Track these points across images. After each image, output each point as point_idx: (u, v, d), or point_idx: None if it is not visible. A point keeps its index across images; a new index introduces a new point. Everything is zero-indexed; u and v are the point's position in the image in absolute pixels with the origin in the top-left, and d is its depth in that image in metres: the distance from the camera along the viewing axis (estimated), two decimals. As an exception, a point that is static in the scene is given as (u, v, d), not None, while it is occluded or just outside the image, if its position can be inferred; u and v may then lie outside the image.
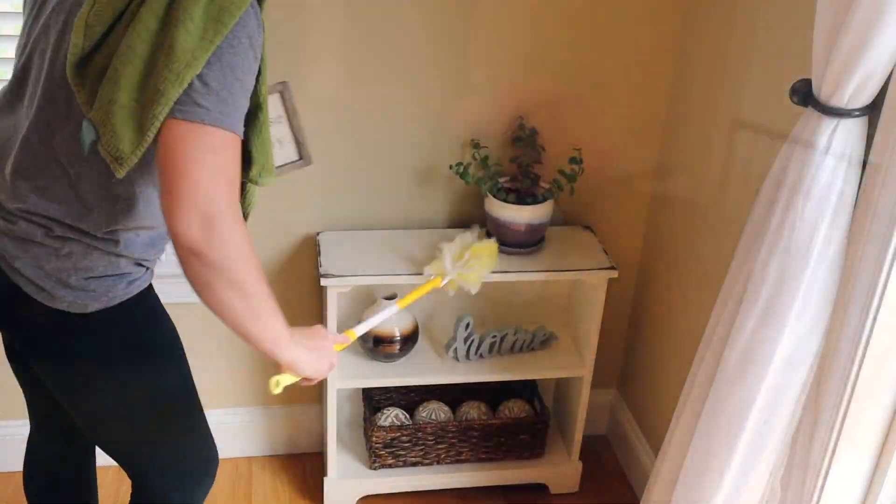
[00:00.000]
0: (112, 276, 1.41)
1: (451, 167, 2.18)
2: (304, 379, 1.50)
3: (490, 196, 2.16)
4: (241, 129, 1.28)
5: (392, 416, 2.34)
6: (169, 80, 1.20)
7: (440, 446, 2.36)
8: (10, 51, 2.09)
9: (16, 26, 2.07)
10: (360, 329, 1.74)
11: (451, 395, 2.46)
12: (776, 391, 1.54)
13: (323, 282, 2.05)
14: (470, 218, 2.30)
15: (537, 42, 2.15)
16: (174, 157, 1.22)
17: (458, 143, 2.23)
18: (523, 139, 2.20)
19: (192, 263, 1.23)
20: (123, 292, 1.43)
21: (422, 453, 2.37)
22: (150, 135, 1.23)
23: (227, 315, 1.29)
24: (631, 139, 2.30)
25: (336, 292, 2.09)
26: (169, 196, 1.21)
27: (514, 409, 2.40)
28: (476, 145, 2.20)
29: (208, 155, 1.22)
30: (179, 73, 1.20)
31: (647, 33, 2.17)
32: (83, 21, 1.25)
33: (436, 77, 2.14)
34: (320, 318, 2.32)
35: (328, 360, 1.52)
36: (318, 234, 2.24)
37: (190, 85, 1.21)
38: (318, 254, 2.14)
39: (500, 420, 2.36)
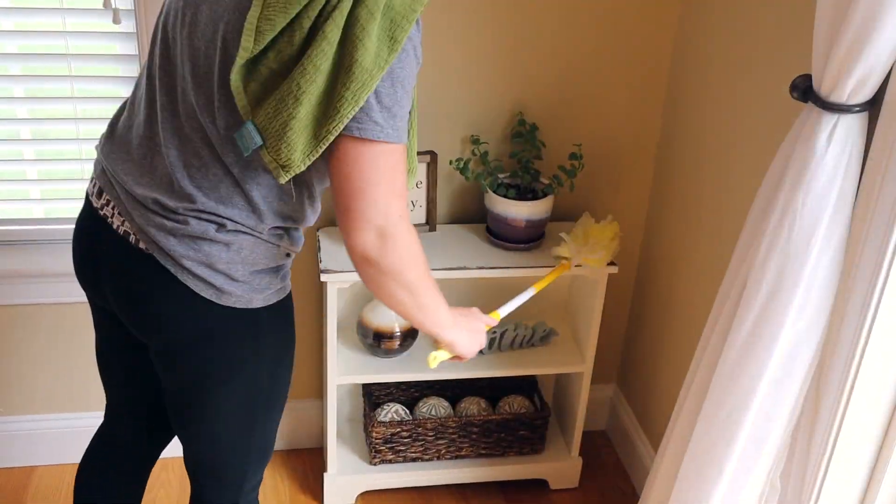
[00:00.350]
0: (271, 268, 1.45)
1: (450, 163, 2.18)
2: (456, 357, 1.63)
3: (490, 192, 2.16)
4: (407, 135, 1.33)
5: (392, 411, 2.35)
6: (347, 98, 1.22)
7: (440, 442, 2.37)
8: (9, 47, 2.08)
9: (16, 23, 2.07)
10: (504, 310, 1.84)
11: (451, 391, 2.46)
12: (776, 386, 1.54)
13: (323, 277, 2.05)
14: (470, 214, 2.31)
15: (538, 38, 2.14)
16: (351, 176, 1.27)
17: (457, 139, 2.23)
18: (523, 135, 2.20)
19: (365, 269, 1.35)
20: (279, 287, 1.48)
21: (422, 449, 2.37)
22: (323, 147, 1.26)
23: (396, 308, 1.42)
24: (631, 135, 2.30)
25: (336, 288, 2.09)
26: (346, 214, 1.29)
27: (513, 404, 2.40)
28: (476, 141, 2.20)
29: (383, 172, 1.28)
30: (356, 93, 1.22)
31: (646, 29, 2.17)
32: (253, 25, 1.23)
33: (435, 73, 2.14)
34: (320, 314, 2.32)
35: (480, 340, 1.66)
36: (318, 229, 2.24)
37: (366, 102, 1.23)
38: (319, 249, 2.14)
39: (500, 415, 2.36)
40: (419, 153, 2.13)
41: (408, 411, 2.37)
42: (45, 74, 2.11)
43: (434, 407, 2.37)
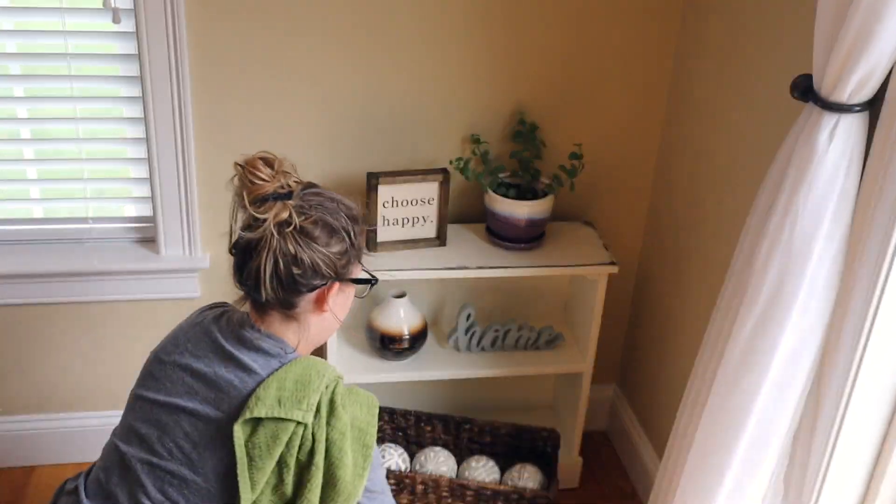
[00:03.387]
0: None
1: (451, 162, 2.18)
2: None
3: (490, 191, 2.16)
4: None
5: (391, 460, 2.25)
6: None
7: (430, 496, 2.23)
8: (8, 46, 2.08)
9: (16, 23, 2.07)
10: None
11: (458, 452, 2.33)
12: (778, 388, 1.54)
13: (323, 277, 2.05)
14: (470, 213, 2.30)
15: (538, 37, 2.14)
16: None
17: (458, 139, 2.23)
18: (524, 134, 2.20)
19: None
20: None
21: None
22: None
23: None
24: (632, 135, 2.29)
25: (336, 288, 2.08)
26: None
27: (523, 474, 2.25)
28: (476, 140, 2.20)
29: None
30: (347, 501, 1.40)
31: (648, 29, 2.17)
32: (246, 477, 1.36)
33: (436, 72, 2.14)
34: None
35: None
36: (318, 229, 2.23)
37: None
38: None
39: (499, 487, 2.18)
40: (432, 171, 2.15)
41: (406, 459, 2.27)
42: (45, 74, 2.11)
43: (436, 457, 2.26)
